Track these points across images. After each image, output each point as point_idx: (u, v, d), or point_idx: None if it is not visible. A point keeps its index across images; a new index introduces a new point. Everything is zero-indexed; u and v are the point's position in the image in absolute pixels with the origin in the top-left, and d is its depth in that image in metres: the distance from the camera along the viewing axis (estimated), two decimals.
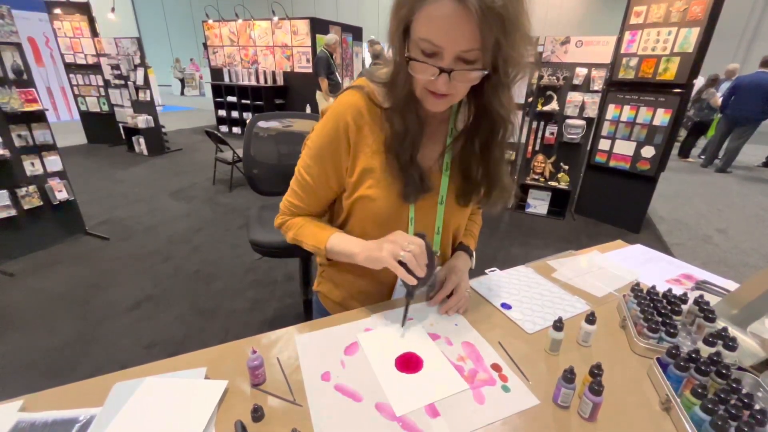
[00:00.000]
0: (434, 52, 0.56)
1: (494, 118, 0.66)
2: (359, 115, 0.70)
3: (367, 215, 0.75)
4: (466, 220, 0.86)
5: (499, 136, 0.69)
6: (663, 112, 3.02)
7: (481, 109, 0.67)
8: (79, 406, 0.56)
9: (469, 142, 0.72)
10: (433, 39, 0.54)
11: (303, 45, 6.42)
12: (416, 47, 0.57)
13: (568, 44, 3.33)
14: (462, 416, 0.57)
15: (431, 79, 0.58)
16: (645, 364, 0.68)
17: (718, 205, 4.25)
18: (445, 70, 0.56)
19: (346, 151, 0.72)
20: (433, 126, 0.73)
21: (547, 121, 3.55)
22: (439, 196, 0.76)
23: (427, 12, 0.53)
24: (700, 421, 0.52)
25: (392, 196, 0.72)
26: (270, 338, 0.72)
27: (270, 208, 1.72)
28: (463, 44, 0.53)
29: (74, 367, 1.77)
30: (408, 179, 0.70)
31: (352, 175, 0.73)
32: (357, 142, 0.71)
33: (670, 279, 0.99)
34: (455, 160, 0.75)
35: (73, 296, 2.28)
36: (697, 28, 2.74)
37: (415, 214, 0.75)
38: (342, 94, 0.72)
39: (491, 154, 0.72)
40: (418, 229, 0.77)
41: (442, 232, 0.80)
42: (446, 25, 0.52)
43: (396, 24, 0.58)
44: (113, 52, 5.22)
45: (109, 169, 4.91)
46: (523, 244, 3.14)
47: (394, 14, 0.58)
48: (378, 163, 0.71)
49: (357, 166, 0.72)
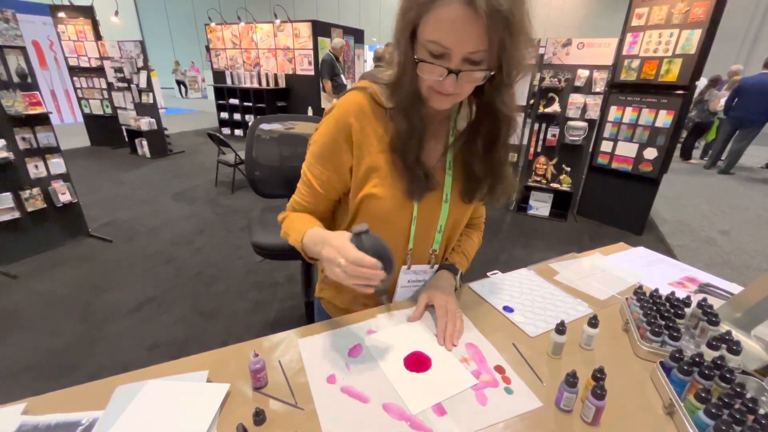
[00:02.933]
0: (442, 54, 0.57)
1: (498, 117, 0.67)
2: (362, 115, 0.70)
3: (373, 214, 0.75)
4: (467, 217, 0.86)
5: (503, 135, 0.70)
6: (665, 114, 3.01)
7: (484, 108, 0.68)
8: (82, 409, 0.57)
9: (471, 141, 0.73)
10: (442, 41, 0.55)
11: (305, 48, 6.45)
12: (424, 49, 0.58)
13: (569, 46, 3.33)
14: (465, 416, 0.57)
15: (439, 79, 0.59)
16: (648, 367, 0.67)
17: (721, 207, 4.22)
18: (453, 71, 0.57)
19: (348, 150, 0.72)
20: (434, 125, 0.74)
21: (549, 123, 3.54)
22: (444, 195, 0.76)
23: (436, 15, 0.54)
24: (704, 426, 0.52)
25: (398, 194, 0.72)
26: (272, 341, 0.72)
27: (272, 210, 1.72)
28: (471, 46, 0.55)
29: (77, 369, 1.77)
30: (413, 178, 0.71)
31: (357, 174, 0.73)
32: (361, 141, 0.71)
33: (673, 282, 0.99)
34: (457, 158, 0.76)
35: (75, 298, 2.29)
36: (699, 29, 2.73)
37: (418, 212, 0.75)
38: (345, 95, 0.73)
39: (497, 154, 0.72)
40: (420, 228, 0.77)
41: (444, 230, 0.80)
42: (455, 28, 0.54)
43: (403, 26, 0.59)
44: (116, 55, 5.25)
45: (112, 172, 4.93)
46: (525, 246, 3.13)
47: (401, 17, 0.59)
48: (383, 161, 0.72)
49: (362, 165, 0.72)
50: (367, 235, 0.61)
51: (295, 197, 0.82)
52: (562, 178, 3.59)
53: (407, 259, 0.81)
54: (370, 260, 0.58)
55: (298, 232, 0.73)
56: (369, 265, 0.58)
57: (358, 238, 0.61)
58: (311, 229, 0.71)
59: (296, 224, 0.76)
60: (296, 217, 0.79)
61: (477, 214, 0.94)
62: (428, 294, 0.80)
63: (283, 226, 0.80)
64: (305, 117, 1.68)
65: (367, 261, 0.58)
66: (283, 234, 0.80)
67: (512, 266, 1.01)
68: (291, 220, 0.79)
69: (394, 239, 0.77)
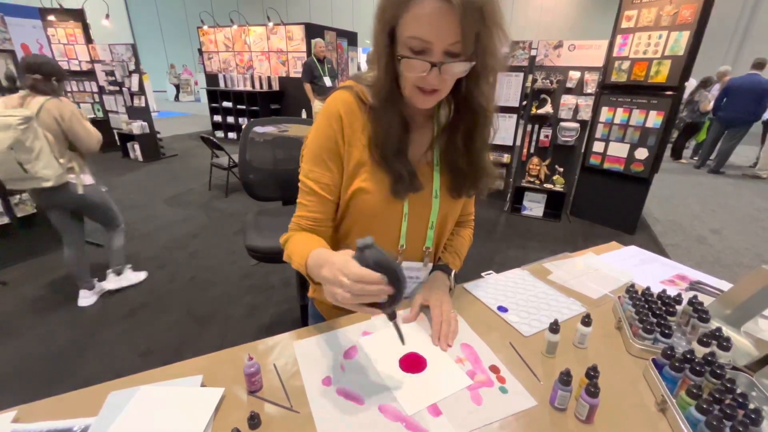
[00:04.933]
0: (423, 49, 0.59)
1: (474, 108, 0.69)
2: (350, 110, 0.72)
3: (363, 209, 0.75)
4: (457, 213, 0.86)
5: (480, 126, 0.72)
6: (655, 114, 3.05)
7: (462, 101, 0.70)
8: (74, 416, 0.56)
9: (452, 136, 0.74)
10: (422, 36, 0.57)
11: (298, 50, 6.44)
12: (405, 46, 0.60)
13: (561, 48, 3.36)
14: (461, 416, 0.57)
15: (422, 75, 0.60)
16: (641, 365, 0.68)
17: (711, 206, 4.29)
18: (436, 64, 0.59)
19: (342, 143, 0.73)
20: (418, 123, 0.76)
21: (542, 124, 3.58)
22: (433, 191, 0.77)
23: (413, 12, 0.57)
24: (696, 421, 0.52)
25: (384, 190, 0.73)
26: (267, 345, 0.72)
27: (266, 214, 1.72)
28: (450, 38, 0.57)
29: (68, 377, 1.75)
30: (397, 176, 0.71)
31: (348, 168, 0.74)
32: (350, 136, 0.72)
33: (664, 280, 1.00)
34: (443, 154, 0.77)
35: (66, 305, 2.26)
36: (687, 31, 2.78)
37: (409, 208, 0.76)
38: (332, 94, 0.74)
39: (474, 144, 0.74)
40: (411, 224, 0.78)
41: (436, 226, 0.80)
42: (432, 21, 0.56)
43: (381, 27, 0.61)
44: (108, 59, 5.21)
45: (104, 176, 4.87)
46: (519, 247, 3.15)
47: (380, 17, 0.61)
48: (368, 157, 0.73)
49: (352, 159, 0.73)
50: (371, 250, 0.54)
51: (298, 213, 0.77)
52: (555, 178, 3.62)
53: (398, 257, 0.81)
54: (374, 275, 0.52)
55: (301, 255, 0.68)
56: (374, 280, 0.52)
57: (361, 254, 0.54)
58: (315, 250, 0.66)
59: (299, 246, 0.71)
60: (299, 239, 0.74)
61: (466, 211, 0.94)
62: (423, 295, 0.80)
63: (286, 248, 0.76)
64: (299, 120, 1.68)
65: (371, 276, 0.52)
66: (286, 257, 0.75)
67: (507, 267, 1.02)
68: (293, 242, 0.75)
69: (385, 236, 0.78)
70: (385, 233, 0.78)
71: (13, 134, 1.71)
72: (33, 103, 1.86)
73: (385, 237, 0.78)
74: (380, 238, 0.76)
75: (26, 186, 1.88)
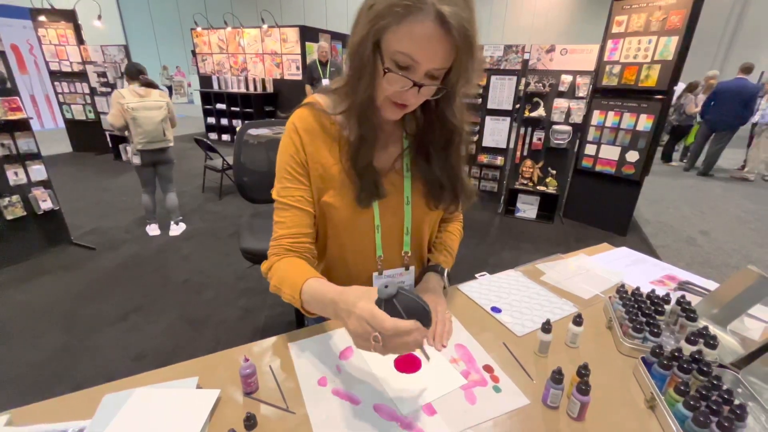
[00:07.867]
0: (408, 66, 0.58)
1: (449, 128, 0.70)
2: (310, 127, 0.72)
3: (334, 221, 0.75)
4: (435, 222, 0.86)
5: (455, 143, 0.73)
6: (646, 118, 3.10)
7: (434, 118, 0.70)
8: (68, 419, 0.56)
9: (423, 148, 0.75)
10: (412, 54, 0.56)
11: (293, 53, 6.44)
12: (390, 59, 0.58)
13: (553, 52, 3.41)
14: (455, 415, 0.58)
15: (400, 90, 0.61)
16: (630, 363, 0.69)
17: (701, 208, 4.36)
18: (417, 84, 0.59)
19: (305, 158, 0.73)
20: (387, 131, 0.76)
21: (535, 127, 3.61)
22: (404, 197, 0.77)
23: (409, 28, 0.55)
24: (683, 418, 0.54)
25: (351, 203, 0.72)
26: (262, 346, 0.72)
27: (261, 216, 1.72)
28: (438, 62, 0.58)
29: (60, 381, 1.73)
30: (363, 184, 0.71)
31: (314, 182, 0.74)
32: (312, 153, 0.72)
33: (654, 280, 1.02)
34: (414, 162, 0.77)
35: (58, 308, 2.23)
36: (676, 36, 2.83)
37: (381, 220, 0.76)
38: (294, 112, 0.75)
39: (449, 160, 0.75)
40: (386, 235, 0.77)
41: (411, 232, 0.80)
42: (426, 44, 0.55)
43: (368, 32, 0.58)
44: (99, 60, 5.16)
45: (96, 178, 4.83)
46: (513, 248, 3.17)
47: (370, 23, 0.57)
48: (336, 172, 0.72)
49: (316, 173, 0.73)
50: (398, 297, 0.50)
51: (277, 233, 0.74)
52: (548, 180, 3.66)
53: (379, 265, 0.80)
54: (408, 325, 0.49)
55: (292, 287, 0.66)
56: (409, 330, 0.49)
57: (389, 304, 0.50)
58: (308, 284, 0.64)
59: (288, 276, 0.68)
60: (284, 267, 0.71)
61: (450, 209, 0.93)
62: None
63: (272, 279, 0.72)
64: None
65: (406, 327, 0.49)
66: (273, 289, 0.71)
67: (501, 268, 1.03)
68: (278, 271, 0.71)
69: (360, 247, 0.78)
70: (359, 244, 0.78)
71: (164, 112, 2.89)
72: (152, 93, 2.87)
73: (361, 249, 0.78)
74: (356, 251, 0.76)
75: (159, 146, 2.94)
